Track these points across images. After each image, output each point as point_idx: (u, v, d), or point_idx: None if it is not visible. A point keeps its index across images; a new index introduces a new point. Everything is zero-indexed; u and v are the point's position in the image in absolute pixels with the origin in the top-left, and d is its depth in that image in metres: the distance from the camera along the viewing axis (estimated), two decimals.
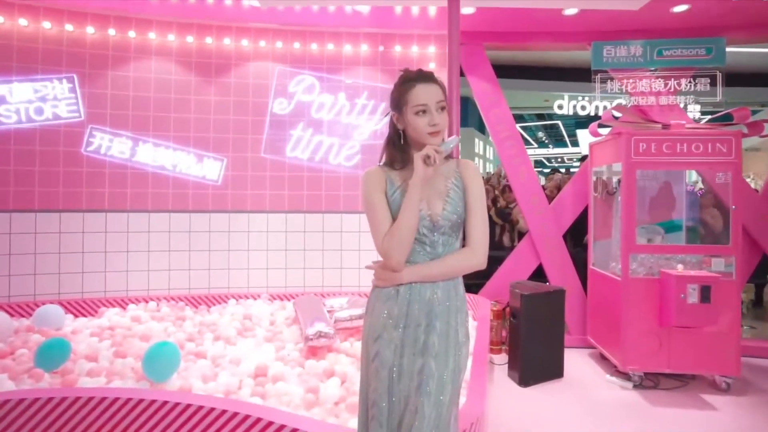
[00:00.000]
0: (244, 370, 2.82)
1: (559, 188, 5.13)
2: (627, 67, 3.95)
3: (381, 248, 1.41)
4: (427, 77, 1.45)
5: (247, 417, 1.92)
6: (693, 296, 3.13)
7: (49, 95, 3.66)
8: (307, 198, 4.26)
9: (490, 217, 5.28)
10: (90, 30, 3.73)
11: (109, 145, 3.84)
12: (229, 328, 3.48)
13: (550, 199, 4.66)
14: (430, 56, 4.32)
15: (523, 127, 13.69)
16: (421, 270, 1.42)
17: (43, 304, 3.59)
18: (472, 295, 4.26)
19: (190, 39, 3.96)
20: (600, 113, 4.69)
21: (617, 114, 3.87)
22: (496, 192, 5.64)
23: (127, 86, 3.87)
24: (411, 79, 1.44)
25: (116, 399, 2.10)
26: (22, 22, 3.58)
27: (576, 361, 3.90)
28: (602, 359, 3.90)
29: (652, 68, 3.89)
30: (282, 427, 1.87)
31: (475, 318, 3.77)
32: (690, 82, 3.76)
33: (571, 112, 6.25)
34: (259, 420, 1.92)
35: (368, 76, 4.29)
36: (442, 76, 4.14)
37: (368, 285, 3.78)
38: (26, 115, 3.63)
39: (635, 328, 3.36)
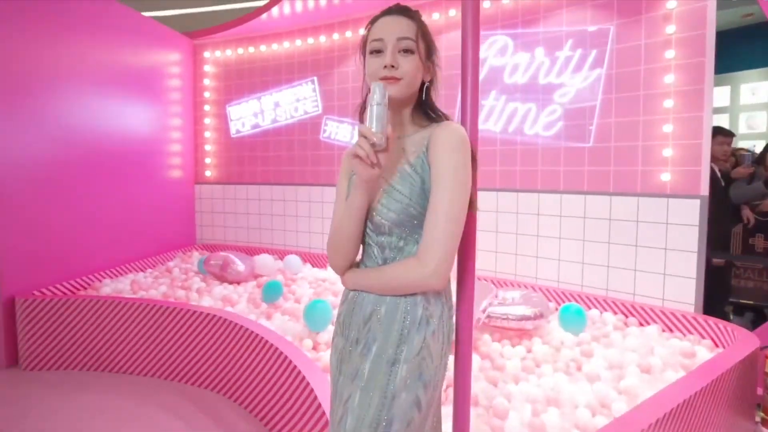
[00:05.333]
0: None
1: None
2: None
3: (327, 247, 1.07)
4: (395, 10, 1.00)
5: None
6: None
7: (301, 96, 4.03)
8: (500, 174, 3.21)
9: None
10: (322, 39, 3.89)
11: (337, 131, 3.94)
12: None
13: None
14: None
15: None
16: (358, 278, 1.00)
17: (289, 254, 4.02)
18: (729, 325, 2.30)
19: None
20: None
21: None
22: None
23: (347, 80, 3.85)
24: (379, 14, 1.01)
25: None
26: (286, 44, 4.04)
27: None
28: None
29: None
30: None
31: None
32: None
33: None
34: None
35: (573, 20, 2.83)
36: (691, 45, 2.30)
37: (567, 281, 2.59)
38: (290, 114, 4.10)
39: None
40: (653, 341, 2.41)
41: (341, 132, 3.97)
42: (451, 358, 1.12)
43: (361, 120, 1.05)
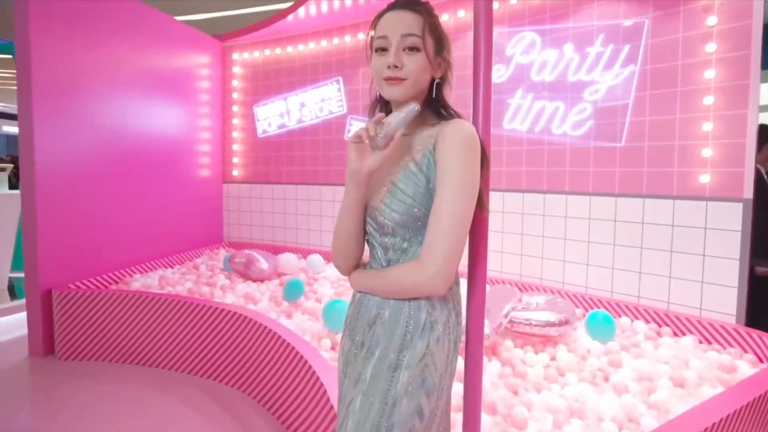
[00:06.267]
0: None
1: None
2: None
3: None
4: (400, 3, 0.93)
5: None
6: None
7: (326, 96, 4.05)
8: (526, 175, 3.12)
9: None
10: (347, 38, 3.88)
11: None
12: None
13: None
14: None
15: None
16: (363, 279, 0.98)
17: (312, 253, 4.04)
18: None
19: None
20: None
21: None
22: None
23: (372, 79, 3.82)
24: (385, 9, 0.96)
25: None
26: (311, 44, 4.06)
27: None
28: None
29: None
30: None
31: None
32: None
33: None
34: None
35: (605, 14, 2.71)
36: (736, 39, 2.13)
37: (597, 287, 2.56)
38: (315, 114, 4.13)
39: None
40: (688, 353, 2.26)
41: None
42: (461, 363, 1.07)
43: (369, 113, 1.08)
